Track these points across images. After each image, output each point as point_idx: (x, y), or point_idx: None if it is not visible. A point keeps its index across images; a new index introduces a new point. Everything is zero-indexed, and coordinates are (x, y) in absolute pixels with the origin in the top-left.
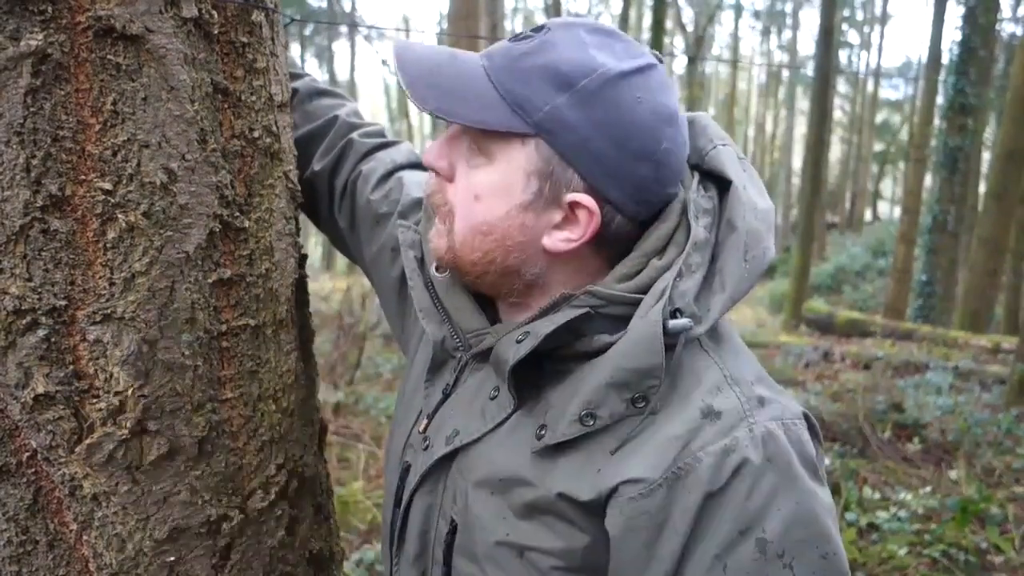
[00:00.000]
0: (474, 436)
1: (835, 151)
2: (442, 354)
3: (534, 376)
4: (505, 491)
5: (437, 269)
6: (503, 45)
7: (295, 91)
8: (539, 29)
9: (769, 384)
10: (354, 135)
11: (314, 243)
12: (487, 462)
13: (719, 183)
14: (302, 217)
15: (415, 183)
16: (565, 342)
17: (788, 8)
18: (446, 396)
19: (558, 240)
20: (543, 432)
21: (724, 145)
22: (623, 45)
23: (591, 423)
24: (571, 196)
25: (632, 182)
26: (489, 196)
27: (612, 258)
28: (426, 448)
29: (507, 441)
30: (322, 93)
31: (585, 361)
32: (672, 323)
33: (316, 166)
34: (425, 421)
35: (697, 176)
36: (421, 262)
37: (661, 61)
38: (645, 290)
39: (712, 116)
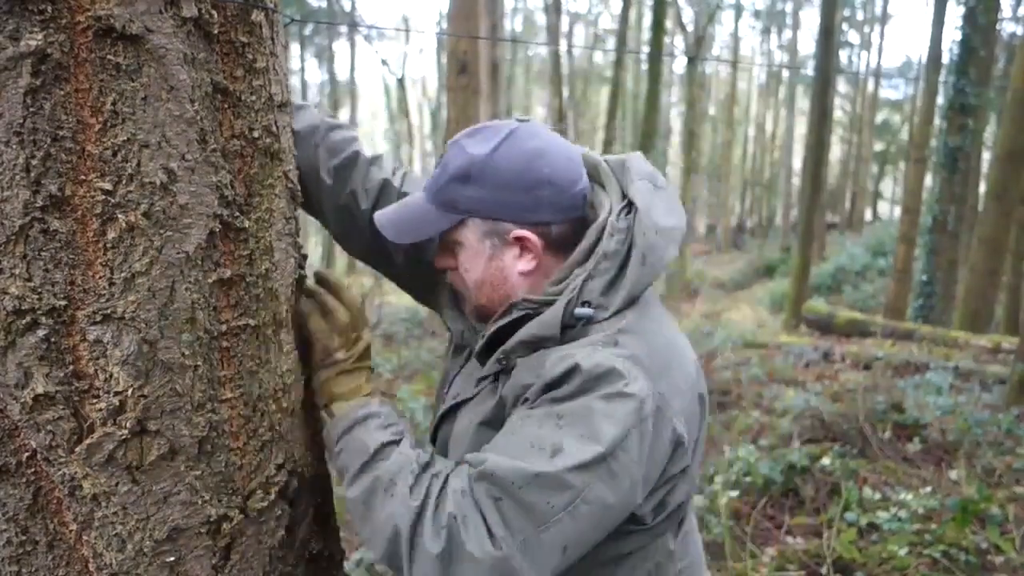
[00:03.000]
0: (465, 397)
1: (835, 151)
2: (461, 340)
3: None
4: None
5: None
6: (432, 175)
7: (315, 127)
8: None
9: (648, 361)
10: (393, 179)
11: (314, 243)
12: (467, 411)
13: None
14: (301, 216)
15: None
16: (512, 333)
17: (788, 8)
18: (460, 369)
19: (526, 263)
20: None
21: (640, 180)
22: (490, 130)
23: (504, 362)
24: (514, 234)
25: (542, 204)
26: (471, 264)
27: (567, 254)
28: (444, 403)
29: (480, 399)
30: (334, 127)
31: None
32: (578, 311)
33: (363, 204)
34: (448, 385)
35: (621, 204)
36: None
37: (525, 121)
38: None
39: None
